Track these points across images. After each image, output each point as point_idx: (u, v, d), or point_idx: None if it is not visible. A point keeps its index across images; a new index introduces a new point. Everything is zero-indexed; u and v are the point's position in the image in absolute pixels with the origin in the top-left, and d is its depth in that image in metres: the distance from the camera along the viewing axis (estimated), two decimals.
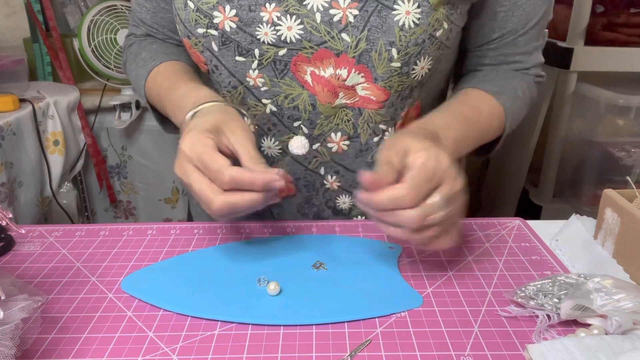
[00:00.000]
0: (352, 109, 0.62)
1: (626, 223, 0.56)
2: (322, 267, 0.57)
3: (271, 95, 0.62)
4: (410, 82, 0.62)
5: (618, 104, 1.52)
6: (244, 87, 0.63)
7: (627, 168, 1.58)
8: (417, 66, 0.60)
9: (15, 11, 1.62)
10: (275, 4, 0.57)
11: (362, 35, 0.56)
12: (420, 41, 0.57)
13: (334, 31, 0.57)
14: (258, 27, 0.58)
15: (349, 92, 0.61)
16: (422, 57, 0.59)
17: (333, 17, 0.57)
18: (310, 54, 0.59)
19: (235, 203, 0.50)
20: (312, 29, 0.57)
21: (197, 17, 0.60)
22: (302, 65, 0.60)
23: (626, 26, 1.55)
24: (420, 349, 0.45)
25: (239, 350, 0.45)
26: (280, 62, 0.60)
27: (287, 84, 0.61)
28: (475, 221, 0.68)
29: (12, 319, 0.42)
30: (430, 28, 0.57)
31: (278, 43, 0.58)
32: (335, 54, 0.58)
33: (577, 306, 0.46)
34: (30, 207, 1.34)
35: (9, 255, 0.61)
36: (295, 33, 0.57)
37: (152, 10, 0.73)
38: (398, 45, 0.57)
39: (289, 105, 0.62)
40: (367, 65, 0.58)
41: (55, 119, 1.41)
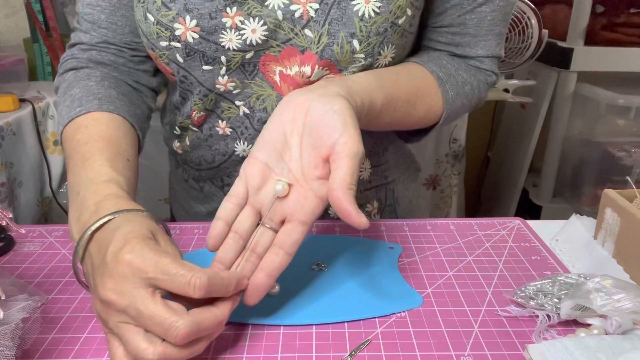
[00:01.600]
0: None
1: (626, 223, 0.56)
2: (322, 267, 0.57)
3: (244, 97, 0.61)
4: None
5: (618, 104, 1.52)
6: (215, 94, 0.62)
7: (627, 168, 1.58)
8: (381, 56, 0.58)
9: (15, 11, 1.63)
10: (237, 8, 0.55)
11: (324, 29, 0.55)
12: (382, 30, 0.55)
13: (297, 27, 0.56)
14: (222, 34, 0.56)
15: None
16: (385, 46, 0.57)
17: (294, 12, 0.55)
18: (277, 52, 0.57)
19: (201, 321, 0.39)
20: (276, 27, 0.56)
21: (158, 30, 0.57)
22: (271, 65, 0.58)
23: (626, 26, 1.55)
24: (420, 349, 0.45)
25: (239, 350, 0.45)
26: (249, 64, 0.58)
27: (257, 84, 0.60)
28: (475, 221, 0.68)
29: (12, 319, 0.42)
30: (392, 16, 0.55)
31: (244, 47, 0.57)
32: (300, 51, 0.57)
33: (577, 306, 0.46)
34: (30, 207, 1.34)
35: (9, 255, 0.61)
36: (259, 35, 0.56)
37: (110, 9, 0.64)
38: (359, 36, 0.55)
39: (259, 107, 0.61)
40: (330, 60, 0.56)
41: (55, 119, 1.41)
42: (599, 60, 1.55)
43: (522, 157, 1.77)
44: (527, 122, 1.75)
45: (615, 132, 1.59)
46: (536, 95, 1.69)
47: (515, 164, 1.83)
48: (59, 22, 1.61)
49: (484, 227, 0.67)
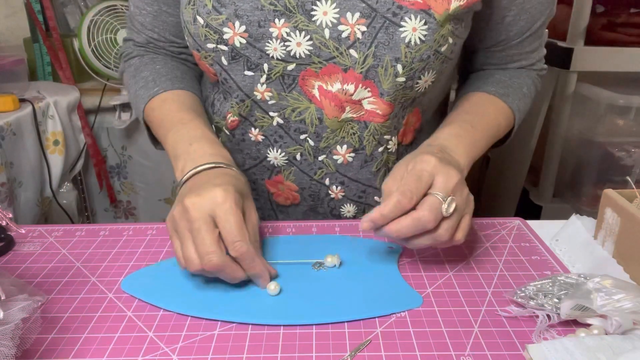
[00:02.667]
0: (358, 122, 0.63)
1: (626, 223, 0.56)
2: (322, 267, 0.57)
3: (278, 109, 0.63)
4: (413, 95, 0.62)
5: (618, 104, 1.52)
6: (251, 101, 0.64)
7: (627, 168, 1.58)
8: (421, 80, 0.60)
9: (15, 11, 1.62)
10: (285, 20, 0.57)
11: (370, 51, 0.57)
12: (425, 57, 0.58)
13: (342, 47, 0.57)
14: (267, 42, 0.58)
15: (356, 106, 0.61)
16: (426, 71, 0.59)
17: (341, 33, 0.57)
18: (318, 68, 0.59)
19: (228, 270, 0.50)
20: (321, 44, 0.57)
21: (206, 33, 0.59)
22: (310, 79, 0.60)
23: (626, 26, 1.55)
24: (420, 349, 0.45)
25: (239, 350, 0.45)
26: (289, 76, 0.60)
27: (294, 97, 0.62)
28: (475, 221, 0.68)
29: (12, 319, 0.42)
30: (436, 44, 0.57)
31: (287, 58, 0.59)
32: (343, 70, 0.58)
33: (577, 306, 0.46)
34: (30, 207, 1.34)
35: (9, 255, 0.61)
36: (304, 49, 0.58)
37: (153, 14, 0.70)
38: (403, 61, 0.57)
39: (295, 119, 0.63)
40: (373, 81, 0.59)
41: (55, 119, 1.41)
42: (599, 60, 1.55)
43: (522, 157, 1.77)
44: (527, 122, 1.74)
45: (615, 132, 1.59)
46: (536, 95, 1.69)
47: (515, 164, 1.83)
48: (59, 22, 1.61)
49: (484, 227, 0.67)
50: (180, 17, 0.64)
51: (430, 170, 0.52)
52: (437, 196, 0.50)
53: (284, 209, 0.73)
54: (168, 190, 1.70)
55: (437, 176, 0.52)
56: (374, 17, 0.56)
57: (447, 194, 0.51)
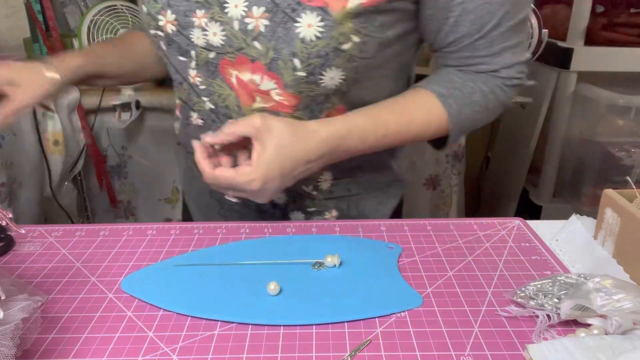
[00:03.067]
0: (270, 112, 0.64)
1: (626, 223, 0.56)
2: (322, 267, 0.57)
3: (208, 94, 0.67)
4: (323, 90, 0.62)
5: (618, 104, 1.52)
6: (188, 84, 0.68)
7: (627, 168, 1.58)
8: (325, 76, 0.60)
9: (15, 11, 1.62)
10: (205, 11, 0.61)
11: (271, 44, 0.59)
12: (323, 54, 0.58)
13: (249, 39, 0.60)
14: (192, 31, 0.63)
15: (265, 96, 0.63)
16: (328, 68, 0.59)
17: (247, 25, 0.59)
18: (233, 58, 0.62)
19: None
20: (232, 35, 0.61)
21: (148, 20, 0.65)
22: (228, 68, 0.63)
23: (626, 26, 1.55)
24: (420, 349, 0.45)
25: (239, 350, 0.45)
26: (212, 64, 0.64)
27: (218, 84, 0.65)
28: (475, 221, 0.68)
29: (12, 319, 0.42)
30: (334, 42, 0.57)
31: (207, 47, 0.63)
32: (251, 60, 0.61)
33: (577, 306, 0.46)
34: (30, 207, 1.34)
35: (9, 255, 0.61)
36: (219, 39, 0.61)
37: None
38: (300, 57, 0.58)
39: (222, 105, 0.66)
40: (276, 73, 0.61)
41: (55, 119, 1.41)
42: (599, 60, 1.55)
43: (522, 157, 1.77)
44: (527, 122, 1.75)
45: (615, 132, 1.59)
46: (536, 95, 1.69)
47: (515, 164, 1.83)
48: (59, 22, 1.61)
49: (484, 227, 0.67)
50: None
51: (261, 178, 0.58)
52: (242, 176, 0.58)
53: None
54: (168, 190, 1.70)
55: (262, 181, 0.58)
56: (275, 12, 0.58)
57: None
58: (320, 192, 0.72)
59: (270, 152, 0.57)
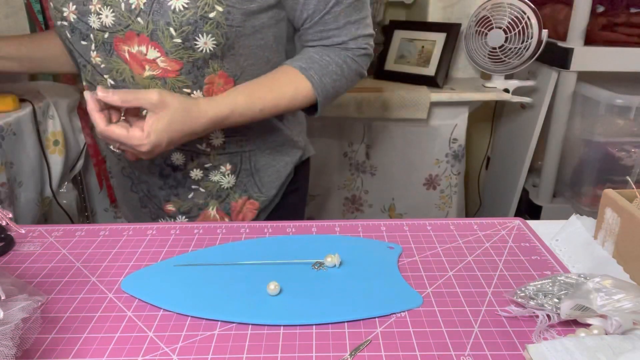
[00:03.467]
0: (160, 78, 0.73)
1: (626, 223, 0.56)
2: (322, 267, 0.57)
3: (108, 71, 0.75)
4: (201, 55, 0.71)
5: (618, 104, 1.52)
6: (91, 66, 0.76)
7: (627, 168, 1.58)
8: (199, 42, 0.70)
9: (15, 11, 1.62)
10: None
11: (150, 18, 0.69)
12: (192, 21, 0.68)
13: (133, 16, 0.70)
14: (89, 16, 0.72)
15: (152, 64, 0.72)
16: (200, 34, 0.69)
17: (131, 5, 0.69)
18: (123, 35, 0.71)
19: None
20: (120, 15, 0.70)
21: (55, 13, 0.75)
22: (121, 44, 0.72)
23: (626, 26, 1.54)
24: (420, 349, 0.45)
25: (239, 350, 0.45)
26: (107, 43, 0.73)
27: (115, 61, 0.73)
28: (475, 221, 0.68)
29: (12, 319, 0.42)
30: (201, 10, 0.68)
31: (102, 28, 0.72)
32: (137, 34, 0.70)
33: (577, 306, 0.46)
34: (30, 207, 1.34)
35: (9, 255, 0.61)
36: (110, 20, 0.71)
37: None
38: (174, 25, 0.68)
39: (119, 79, 0.74)
40: (157, 42, 0.70)
41: (55, 119, 1.41)
42: (598, 60, 1.55)
43: (522, 157, 1.77)
44: (527, 122, 1.75)
45: (615, 132, 1.59)
46: (536, 95, 1.69)
47: (515, 164, 1.83)
48: None
49: (484, 227, 0.67)
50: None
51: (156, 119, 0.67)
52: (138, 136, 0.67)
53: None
54: None
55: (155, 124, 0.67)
56: None
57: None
58: (214, 149, 0.80)
59: (163, 125, 0.67)
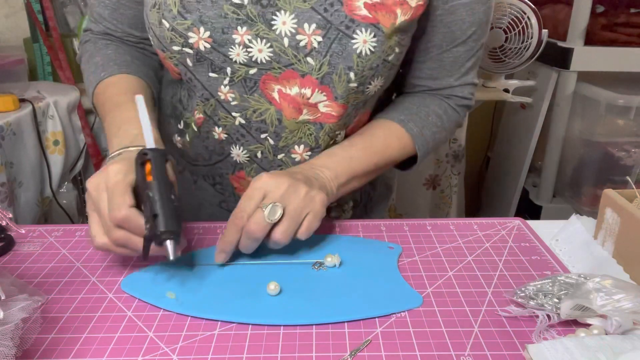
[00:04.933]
0: (314, 123, 0.67)
1: (626, 223, 0.56)
2: (322, 267, 0.57)
3: (240, 109, 0.66)
4: (365, 97, 0.67)
5: (618, 104, 1.52)
6: (215, 100, 0.67)
7: (627, 168, 1.58)
8: (372, 85, 0.65)
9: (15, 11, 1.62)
10: (247, 27, 0.61)
11: (325, 60, 0.61)
12: (374, 66, 0.63)
13: (300, 55, 0.62)
14: (231, 48, 0.62)
15: (312, 108, 0.65)
16: (375, 78, 0.65)
17: (299, 42, 0.61)
18: (278, 73, 0.63)
19: (125, 241, 0.51)
20: (281, 52, 0.62)
21: (172, 36, 0.62)
22: (270, 83, 0.64)
23: (626, 26, 1.55)
24: (420, 349, 0.45)
25: (239, 350, 0.45)
26: (251, 79, 0.64)
27: (255, 99, 0.65)
28: (475, 221, 0.68)
29: (12, 319, 0.42)
30: (384, 54, 0.62)
31: (249, 63, 0.63)
32: (301, 75, 0.63)
33: (577, 306, 0.46)
34: (30, 207, 1.34)
35: (9, 255, 0.61)
36: (265, 55, 0.62)
37: (112, 6, 0.72)
38: (355, 70, 0.62)
39: (257, 119, 0.66)
40: (329, 86, 0.63)
41: (55, 119, 1.41)
42: (599, 60, 1.55)
43: (522, 157, 1.77)
44: (527, 122, 1.75)
45: (615, 132, 1.59)
46: (536, 95, 1.69)
47: (515, 164, 1.83)
48: (59, 22, 1.61)
49: (484, 227, 0.67)
50: (144, 18, 0.66)
51: (259, 186, 0.56)
52: (262, 207, 0.55)
53: None
54: None
55: (267, 188, 0.56)
56: (328, 29, 0.60)
57: (274, 202, 0.55)
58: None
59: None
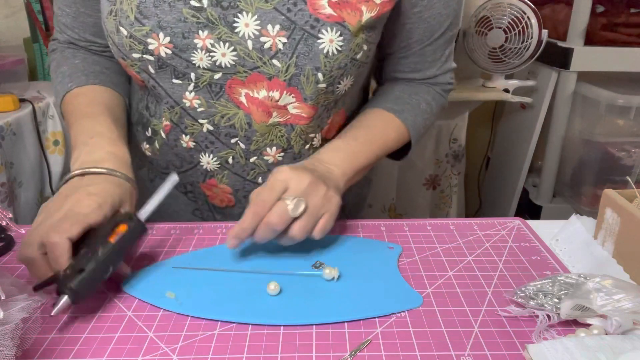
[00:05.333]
0: (285, 125, 0.66)
1: (626, 223, 0.56)
2: (322, 267, 0.57)
3: (207, 116, 0.65)
4: (335, 97, 0.66)
5: (618, 104, 1.52)
6: (180, 108, 0.65)
7: (627, 168, 1.58)
8: (341, 85, 0.64)
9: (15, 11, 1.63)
10: (208, 31, 0.59)
11: (291, 61, 0.60)
12: (342, 65, 0.61)
13: (265, 57, 0.60)
14: (193, 53, 0.60)
15: (282, 111, 0.64)
16: (345, 77, 0.64)
17: (264, 44, 0.59)
18: (244, 77, 0.61)
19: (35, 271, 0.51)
20: (245, 55, 0.60)
21: (131, 43, 0.60)
22: (237, 87, 0.62)
23: (626, 26, 1.55)
24: (420, 349, 0.45)
25: (239, 350, 0.45)
26: (216, 84, 0.62)
27: (222, 104, 0.64)
28: (475, 221, 0.68)
29: (12, 319, 0.42)
30: (352, 53, 0.61)
31: (213, 68, 0.61)
32: (268, 78, 0.61)
33: (577, 306, 0.46)
34: (30, 207, 1.34)
35: (9, 255, 0.61)
36: (229, 59, 0.60)
37: (72, 15, 0.71)
38: (323, 70, 0.61)
39: (225, 124, 0.65)
40: (297, 87, 0.62)
41: (55, 119, 1.41)
42: (599, 60, 1.55)
43: (522, 157, 1.77)
44: (527, 122, 1.75)
45: (615, 132, 1.59)
46: (536, 95, 1.69)
47: (515, 164, 1.83)
48: None
49: (484, 227, 0.67)
50: (103, 25, 0.64)
51: (283, 178, 0.56)
52: (285, 200, 0.54)
53: (220, 210, 0.75)
54: None
55: (289, 182, 0.56)
56: (293, 29, 0.59)
57: (296, 198, 0.54)
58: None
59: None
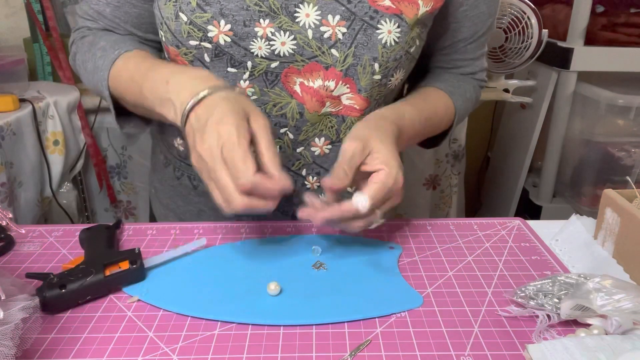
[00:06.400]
0: (336, 116, 0.66)
1: (626, 223, 0.56)
2: (322, 267, 0.57)
3: (260, 104, 0.64)
4: (386, 91, 0.67)
5: (618, 104, 1.52)
6: None
7: (627, 168, 1.58)
8: (394, 78, 0.65)
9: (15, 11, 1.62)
10: (269, 20, 0.60)
11: (350, 51, 0.61)
12: (398, 57, 0.63)
13: (324, 47, 0.61)
14: (252, 41, 0.60)
15: (335, 101, 0.65)
16: (398, 70, 0.65)
17: (323, 34, 0.61)
18: (301, 66, 0.62)
19: (254, 206, 0.49)
20: (304, 44, 0.61)
21: (189, 30, 0.60)
22: (293, 76, 0.63)
23: (626, 26, 1.54)
24: (420, 349, 0.45)
25: (239, 350, 0.45)
26: (272, 73, 0.62)
27: (276, 93, 0.64)
28: (475, 221, 0.68)
29: (12, 319, 0.42)
30: (407, 45, 0.63)
31: (271, 56, 0.61)
32: (325, 67, 0.62)
33: (577, 306, 0.46)
34: (30, 207, 1.34)
35: (9, 255, 0.61)
36: (288, 48, 0.61)
37: (114, 4, 0.67)
38: (380, 61, 0.62)
39: (276, 113, 0.65)
40: (352, 78, 0.63)
41: (55, 119, 1.41)
42: (599, 60, 1.55)
43: (522, 157, 1.77)
44: (527, 122, 1.75)
45: (615, 132, 1.59)
46: (536, 95, 1.69)
47: (515, 164, 1.83)
48: (59, 22, 1.61)
49: (484, 227, 0.67)
50: (156, 12, 0.63)
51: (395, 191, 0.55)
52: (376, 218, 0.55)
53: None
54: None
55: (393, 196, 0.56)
56: (353, 20, 0.60)
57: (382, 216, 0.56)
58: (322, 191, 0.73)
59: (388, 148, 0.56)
